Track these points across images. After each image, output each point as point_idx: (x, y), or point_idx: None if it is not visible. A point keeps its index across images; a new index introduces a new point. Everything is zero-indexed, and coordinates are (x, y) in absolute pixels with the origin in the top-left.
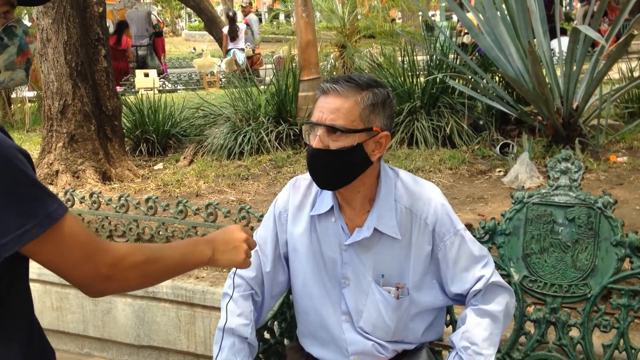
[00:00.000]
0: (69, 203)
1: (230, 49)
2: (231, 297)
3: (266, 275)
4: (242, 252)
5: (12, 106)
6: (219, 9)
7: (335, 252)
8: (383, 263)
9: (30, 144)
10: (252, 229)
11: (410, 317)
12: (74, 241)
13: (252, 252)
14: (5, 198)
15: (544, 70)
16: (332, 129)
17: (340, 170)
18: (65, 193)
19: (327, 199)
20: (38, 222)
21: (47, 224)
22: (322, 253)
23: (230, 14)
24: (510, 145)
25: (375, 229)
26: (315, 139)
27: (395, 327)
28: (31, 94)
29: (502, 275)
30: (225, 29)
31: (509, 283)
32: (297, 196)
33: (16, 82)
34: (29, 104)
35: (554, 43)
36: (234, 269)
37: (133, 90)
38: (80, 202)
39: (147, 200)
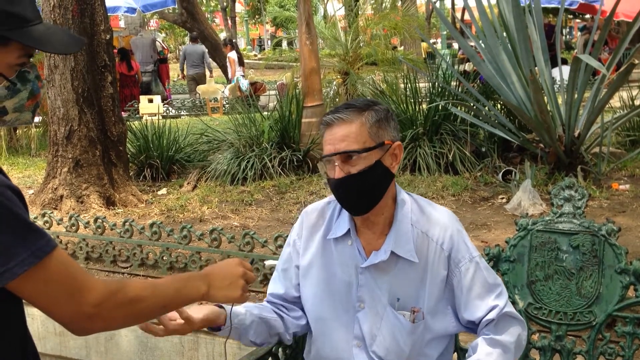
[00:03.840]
0: (74, 228)
1: (236, 75)
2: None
3: (293, 299)
4: (238, 289)
5: (17, 131)
6: (222, 36)
7: (351, 276)
8: (399, 287)
9: (35, 168)
10: (253, 261)
11: (425, 342)
12: (59, 280)
13: (279, 273)
14: None
15: (545, 98)
16: (348, 156)
17: (368, 191)
18: (70, 218)
19: (343, 222)
20: (20, 261)
21: (30, 263)
22: (336, 277)
23: (234, 40)
24: (513, 173)
25: (392, 252)
26: (336, 170)
27: (409, 352)
28: (37, 119)
29: None
30: (233, 54)
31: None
32: (309, 223)
33: (21, 122)
34: (35, 129)
35: (555, 71)
36: None
37: (137, 115)
38: (85, 227)
39: (152, 225)
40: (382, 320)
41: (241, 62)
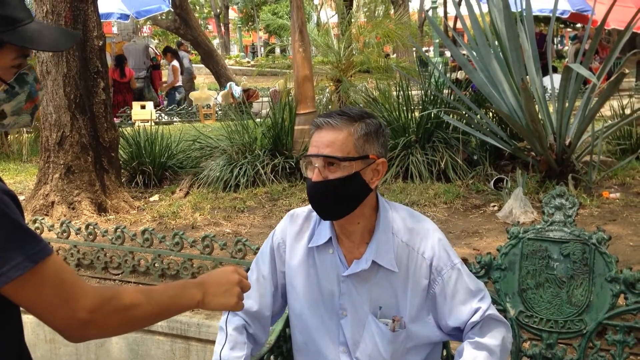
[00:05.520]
0: (65, 234)
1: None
2: (225, 331)
3: (264, 306)
4: (234, 296)
5: (9, 137)
6: (215, 43)
7: (333, 284)
8: (380, 295)
9: (27, 174)
10: (248, 269)
11: (406, 349)
12: (53, 285)
13: (252, 282)
14: None
15: (537, 107)
16: (330, 162)
17: (341, 200)
18: (62, 224)
19: (325, 230)
20: (14, 265)
21: (24, 268)
22: (320, 285)
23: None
24: (504, 180)
25: (374, 262)
26: (314, 173)
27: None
28: None
29: (498, 310)
30: (176, 63)
31: (505, 318)
32: (294, 228)
33: (20, 125)
34: (26, 135)
35: (546, 80)
36: None
37: (130, 122)
38: (76, 234)
39: (143, 232)
40: (364, 327)
41: (182, 70)
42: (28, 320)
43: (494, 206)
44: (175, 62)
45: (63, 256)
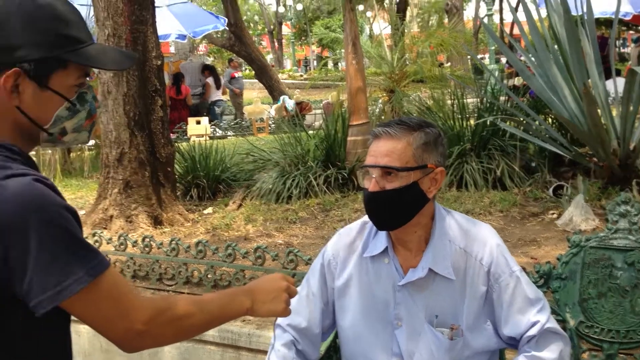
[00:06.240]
0: (122, 247)
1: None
2: (273, 347)
3: (313, 323)
4: (282, 302)
5: (71, 154)
6: (269, 58)
7: (388, 293)
8: (437, 304)
9: (87, 190)
10: (295, 275)
11: (464, 358)
12: (111, 298)
13: (302, 298)
14: (45, 255)
15: (599, 112)
16: (387, 171)
17: (398, 210)
18: (119, 237)
19: (380, 240)
20: (76, 279)
21: (85, 281)
22: (374, 295)
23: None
24: (564, 187)
25: (430, 270)
26: (372, 183)
27: None
28: (90, 142)
29: (557, 320)
30: (211, 80)
31: (564, 329)
32: (346, 242)
33: (78, 142)
34: (88, 152)
35: (609, 84)
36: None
37: (185, 137)
38: (133, 246)
39: (197, 244)
40: (419, 337)
41: (218, 86)
42: (85, 330)
43: (553, 214)
44: (209, 79)
45: (120, 268)
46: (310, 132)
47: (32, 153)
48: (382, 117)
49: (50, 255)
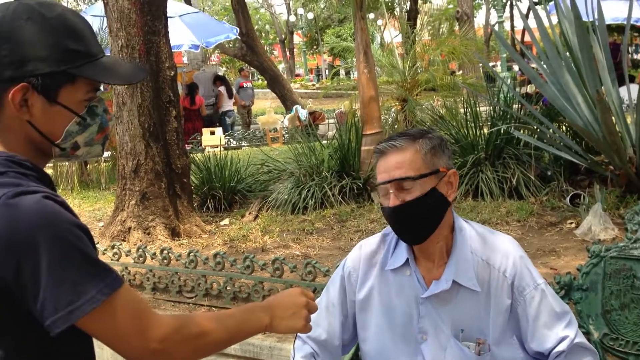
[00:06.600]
0: (141, 259)
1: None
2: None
3: (333, 335)
4: (301, 318)
5: (88, 166)
6: (281, 67)
7: (411, 306)
8: (462, 317)
9: (105, 201)
10: (315, 290)
11: None
12: (125, 316)
13: (321, 310)
14: (56, 274)
15: (613, 119)
16: (403, 183)
17: (424, 219)
18: (138, 249)
19: (401, 252)
20: (88, 298)
21: (97, 301)
22: (395, 309)
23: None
24: (581, 196)
25: (454, 281)
26: (390, 198)
27: None
28: (106, 154)
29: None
30: (223, 89)
31: (589, 341)
32: (367, 256)
33: (92, 156)
34: (104, 164)
35: (623, 90)
36: None
37: (200, 148)
38: (152, 258)
39: (215, 255)
40: (445, 352)
41: (230, 95)
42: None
43: (571, 223)
44: (221, 88)
45: (140, 280)
46: (324, 141)
47: (49, 165)
48: (396, 127)
49: (62, 273)
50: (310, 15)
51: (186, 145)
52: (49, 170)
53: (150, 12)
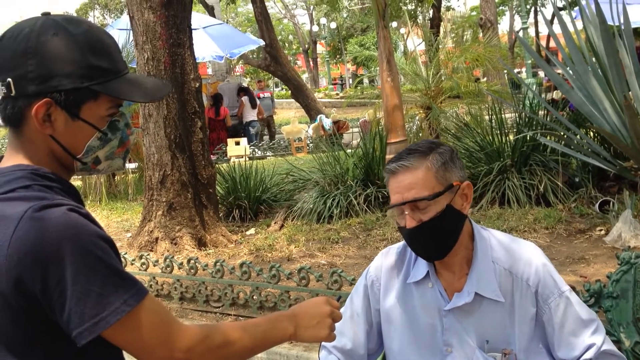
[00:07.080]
0: (169, 269)
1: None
2: None
3: (358, 344)
4: (326, 327)
5: (116, 177)
6: (305, 77)
7: (435, 319)
8: (487, 328)
9: (132, 212)
10: (340, 299)
11: None
12: (150, 327)
13: (346, 319)
14: (81, 286)
15: None
16: (418, 203)
17: (443, 237)
18: (165, 259)
19: (422, 265)
20: (113, 310)
21: (122, 312)
22: (419, 321)
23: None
24: (611, 203)
25: (476, 293)
26: (407, 219)
27: None
28: (133, 165)
29: (612, 341)
30: (245, 99)
31: (620, 349)
32: (389, 265)
33: (113, 169)
34: (132, 175)
35: None
36: None
37: (225, 158)
38: (179, 268)
39: (241, 265)
40: None
41: (253, 105)
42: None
43: (601, 230)
44: (244, 98)
45: (167, 290)
46: (349, 150)
47: (78, 177)
48: (420, 134)
49: (87, 285)
50: (333, 25)
51: (211, 156)
52: (77, 182)
53: (175, 25)
